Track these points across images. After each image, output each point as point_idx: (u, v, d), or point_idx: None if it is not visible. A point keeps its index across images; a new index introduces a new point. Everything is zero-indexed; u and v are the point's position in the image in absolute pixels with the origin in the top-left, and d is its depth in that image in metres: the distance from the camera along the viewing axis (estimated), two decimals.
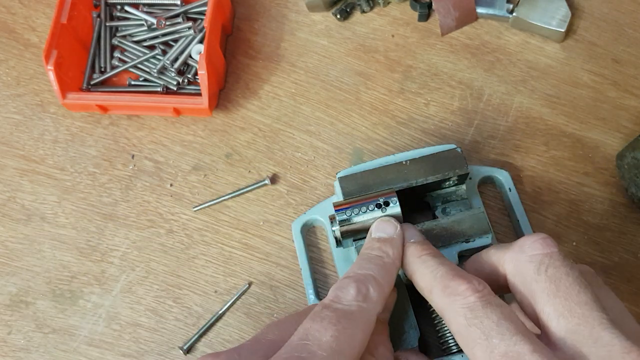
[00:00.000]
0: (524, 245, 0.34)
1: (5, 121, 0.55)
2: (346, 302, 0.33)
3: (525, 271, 0.33)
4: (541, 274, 0.32)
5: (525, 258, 0.33)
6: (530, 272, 0.32)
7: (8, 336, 0.48)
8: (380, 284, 0.35)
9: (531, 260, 0.33)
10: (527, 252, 0.33)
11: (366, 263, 0.36)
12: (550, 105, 0.53)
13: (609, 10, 0.56)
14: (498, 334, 0.30)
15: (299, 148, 0.52)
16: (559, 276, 0.31)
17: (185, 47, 0.54)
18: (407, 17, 0.56)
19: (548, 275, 0.32)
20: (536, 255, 0.33)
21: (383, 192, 0.42)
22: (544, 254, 0.33)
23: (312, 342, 0.31)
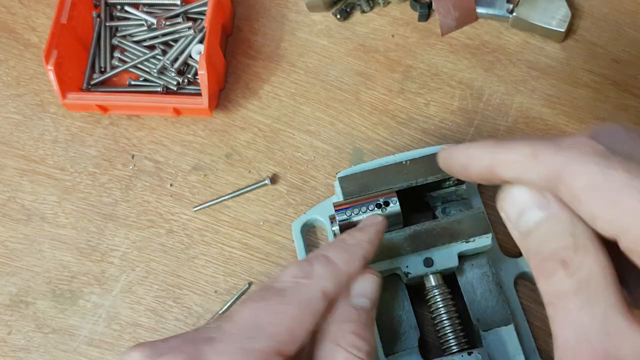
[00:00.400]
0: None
1: (5, 121, 0.55)
2: (281, 280, 0.32)
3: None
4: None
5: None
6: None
7: (8, 336, 0.48)
8: (331, 261, 0.33)
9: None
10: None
11: (326, 246, 0.35)
12: (550, 105, 0.53)
13: (609, 10, 0.56)
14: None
15: (299, 148, 0.52)
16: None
17: (185, 47, 0.54)
18: (407, 17, 0.56)
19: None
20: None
21: (383, 192, 0.42)
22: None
23: (228, 321, 0.30)
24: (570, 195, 0.25)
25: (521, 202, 0.28)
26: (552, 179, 0.26)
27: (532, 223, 0.27)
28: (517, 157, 0.27)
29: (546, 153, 0.26)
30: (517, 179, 0.28)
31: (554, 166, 0.26)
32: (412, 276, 0.42)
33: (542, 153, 0.26)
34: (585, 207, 0.25)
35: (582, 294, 0.24)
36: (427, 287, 0.42)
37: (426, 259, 0.42)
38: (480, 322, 0.42)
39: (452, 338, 0.41)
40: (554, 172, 0.26)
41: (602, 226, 0.25)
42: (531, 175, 0.27)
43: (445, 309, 0.41)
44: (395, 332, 0.42)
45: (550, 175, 0.26)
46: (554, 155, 0.26)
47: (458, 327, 0.41)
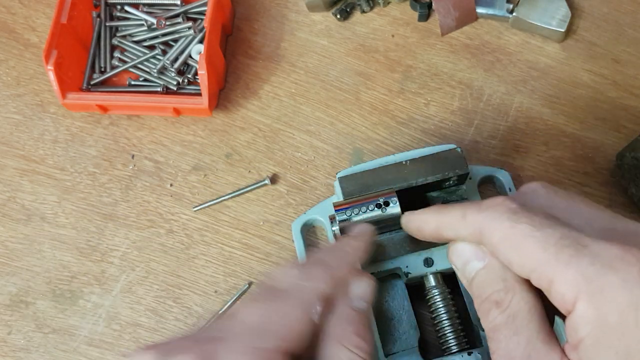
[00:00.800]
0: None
1: (5, 121, 0.55)
2: (282, 281, 0.33)
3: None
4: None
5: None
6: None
7: (8, 336, 0.48)
8: (327, 264, 0.35)
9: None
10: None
11: (322, 250, 0.37)
12: (550, 105, 0.53)
13: (609, 10, 0.56)
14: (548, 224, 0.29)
15: (299, 148, 0.52)
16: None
17: (185, 47, 0.54)
18: (407, 17, 0.56)
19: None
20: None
21: (383, 192, 0.42)
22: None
23: (234, 320, 0.31)
24: (491, 247, 0.31)
25: (463, 254, 0.33)
26: (477, 235, 0.31)
27: (473, 272, 0.33)
28: (452, 220, 0.33)
29: (472, 214, 0.32)
30: (455, 237, 0.34)
31: (477, 224, 0.31)
32: (412, 276, 0.42)
33: (469, 214, 0.32)
34: (502, 256, 0.30)
35: (510, 327, 0.30)
36: (427, 287, 0.42)
37: (426, 259, 0.42)
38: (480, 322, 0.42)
39: (452, 338, 0.41)
40: (478, 229, 0.31)
41: (516, 270, 0.30)
42: (463, 233, 0.33)
43: (445, 309, 0.41)
44: (395, 332, 0.42)
45: (475, 231, 0.32)
46: (476, 215, 0.31)
47: (458, 327, 0.41)
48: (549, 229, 0.28)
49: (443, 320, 0.41)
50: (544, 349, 0.29)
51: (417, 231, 0.38)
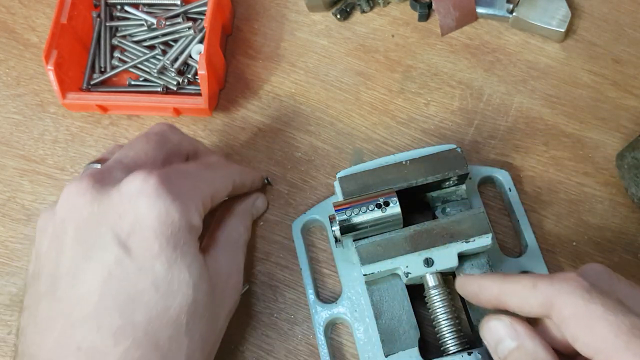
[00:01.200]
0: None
1: (5, 121, 0.55)
2: (211, 157, 0.46)
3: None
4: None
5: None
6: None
7: (8, 336, 0.48)
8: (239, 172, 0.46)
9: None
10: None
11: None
12: (550, 105, 0.53)
13: (609, 10, 0.56)
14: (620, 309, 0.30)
15: (299, 148, 0.52)
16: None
17: (185, 47, 0.54)
18: (407, 17, 0.56)
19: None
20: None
21: (383, 192, 0.42)
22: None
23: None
24: (559, 319, 0.31)
25: (497, 333, 0.34)
26: (547, 306, 0.32)
27: (506, 351, 0.33)
28: (520, 288, 0.33)
29: (543, 285, 0.32)
30: (520, 306, 0.34)
31: (548, 296, 0.32)
32: (412, 276, 0.42)
33: (540, 284, 0.32)
34: (569, 330, 0.31)
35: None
36: (427, 287, 0.42)
37: (426, 259, 0.42)
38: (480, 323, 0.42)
39: (451, 338, 0.41)
40: (549, 300, 0.32)
41: (581, 347, 0.30)
42: (531, 302, 0.33)
43: (445, 309, 0.41)
44: (395, 332, 0.42)
45: (546, 302, 0.32)
46: (548, 287, 0.32)
47: (458, 327, 0.41)
48: (622, 315, 0.29)
49: (443, 320, 0.41)
50: None
51: (473, 295, 0.37)
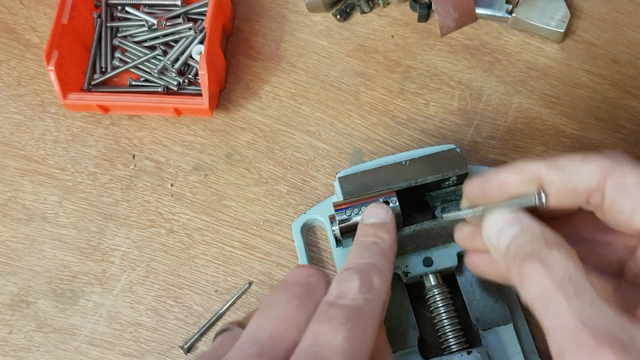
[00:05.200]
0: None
1: (6, 121, 0.55)
2: (352, 297, 0.30)
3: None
4: None
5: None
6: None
7: (9, 336, 0.48)
8: (382, 271, 0.33)
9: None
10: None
11: (364, 251, 0.34)
12: (549, 106, 0.53)
13: (608, 11, 0.56)
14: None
15: (299, 148, 0.53)
16: None
17: (185, 47, 0.54)
18: (407, 18, 0.57)
19: None
20: None
21: (383, 192, 0.42)
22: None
23: (324, 347, 0.28)
24: (618, 188, 0.29)
25: (497, 224, 0.32)
26: (602, 176, 0.30)
27: (510, 237, 0.31)
28: (567, 161, 0.31)
29: (595, 157, 0.31)
30: (567, 180, 0.31)
31: (603, 166, 0.30)
32: (411, 276, 0.42)
33: (591, 156, 0.31)
34: (631, 198, 0.29)
35: (566, 286, 0.27)
36: (427, 287, 0.42)
37: (426, 259, 0.42)
38: (479, 322, 0.42)
39: (451, 337, 0.41)
40: (604, 171, 0.30)
41: (638, 217, 0.29)
42: (583, 174, 0.31)
43: (444, 309, 0.41)
44: (395, 332, 0.42)
45: (601, 172, 0.30)
46: (602, 158, 0.30)
47: (457, 326, 0.41)
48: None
49: (442, 319, 0.41)
50: (609, 309, 0.26)
51: (499, 187, 0.33)
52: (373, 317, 0.30)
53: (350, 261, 0.34)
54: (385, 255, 0.35)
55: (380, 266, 0.33)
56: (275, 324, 0.29)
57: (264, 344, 0.28)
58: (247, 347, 0.28)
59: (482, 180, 0.34)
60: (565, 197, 0.32)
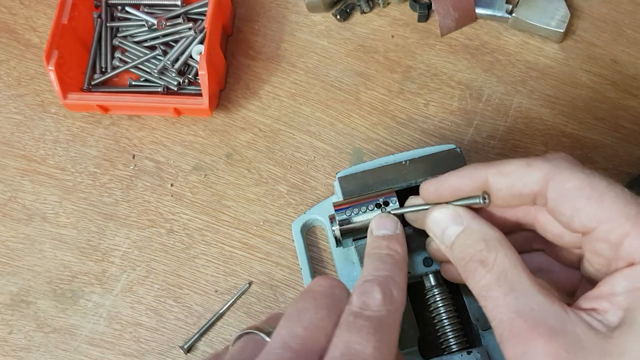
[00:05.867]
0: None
1: (7, 121, 0.55)
2: (376, 308, 0.32)
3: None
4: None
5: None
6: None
7: (9, 335, 0.48)
8: (399, 284, 0.34)
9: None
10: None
11: (380, 264, 0.36)
12: (549, 106, 0.53)
13: (608, 11, 0.56)
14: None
15: (299, 148, 0.53)
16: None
17: (185, 47, 0.54)
18: (407, 18, 0.57)
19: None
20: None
21: (383, 192, 0.42)
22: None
23: (357, 356, 0.29)
24: (559, 194, 0.31)
25: (442, 221, 0.35)
26: (543, 182, 0.32)
27: (453, 236, 0.34)
28: (512, 167, 0.33)
29: (538, 162, 0.32)
30: (511, 185, 0.33)
31: (546, 171, 0.32)
32: (411, 276, 0.42)
33: (534, 162, 0.32)
34: (571, 203, 0.31)
35: (503, 283, 0.30)
36: (427, 287, 0.42)
37: (426, 259, 0.42)
38: (479, 322, 0.42)
39: (451, 337, 0.41)
40: (546, 176, 0.32)
41: (581, 219, 0.30)
42: (525, 180, 0.32)
43: (444, 308, 0.41)
44: None
45: (543, 178, 0.32)
46: (545, 164, 0.32)
47: (457, 326, 0.41)
48: (621, 188, 0.30)
49: (442, 319, 0.41)
50: (543, 300, 0.29)
51: (453, 191, 0.36)
52: (395, 327, 0.32)
53: (368, 273, 0.35)
54: (400, 267, 0.36)
55: (397, 278, 0.35)
56: (305, 332, 0.30)
57: (296, 350, 0.29)
58: (281, 352, 0.29)
59: (437, 182, 0.37)
60: (512, 200, 0.34)
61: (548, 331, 0.28)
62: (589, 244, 0.32)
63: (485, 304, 0.31)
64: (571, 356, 0.27)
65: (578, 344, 0.27)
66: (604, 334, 0.28)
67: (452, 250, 0.34)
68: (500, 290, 0.30)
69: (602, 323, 0.28)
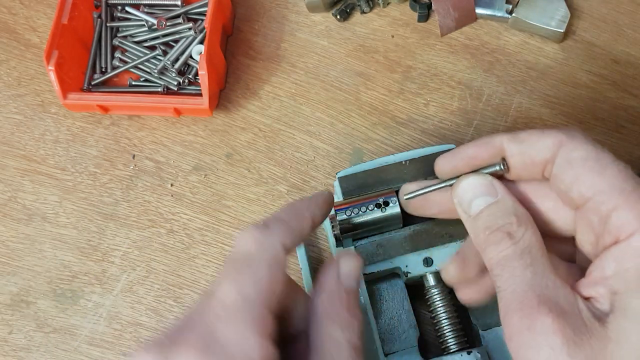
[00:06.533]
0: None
1: (7, 121, 0.55)
2: (244, 246, 0.32)
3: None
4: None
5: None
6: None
7: (9, 335, 0.48)
8: (282, 219, 0.34)
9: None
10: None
11: (278, 210, 0.36)
12: (549, 106, 0.53)
13: (608, 11, 0.56)
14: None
15: (299, 148, 0.53)
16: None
17: (185, 47, 0.54)
18: (407, 18, 0.57)
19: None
20: None
21: (383, 192, 0.42)
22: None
23: (214, 303, 0.30)
24: (566, 160, 0.32)
25: (474, 189, 0.35)
26: (555, 148, 0.33)
27: (483, 205, 0.34)
28: (527, 134, 0.34)
29: (552, 130, 0.33)
30: (524, 151, 0.34)
31: (558, 138, 0.33)
32: (411, 276, 0.42)
33: (548, 130, 0.33)
34: (573, 171, 0.32)
35: (525, 258, 0.31)
36: (427, 287, 0.42)
37: (425, 259, 0.42)
38: (479, 322, 0.42)
39: (451, 337, 0.41)
40: (558, 143, 0.32)
41: (580, 188, 0.31)
42: (539, 145, 0.33)
43: (444, 308, 0.41)
44: (395, 332, 0.42)
45: (554, 144, 0.33)
46: (558, 132, 0.33)
47: (457, 326, 0.41)
48: (625, 166, 0.31)
49: (442, 319, 0.41)
50: (557, 281, 0.30)
51: (468, 160, 0.36)
52: (268, 259, 0.32)
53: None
54: (295, 210, 0.35)
55: (283, 216, 0.34)
56: None
57: None
58: None
59: (452, 155, 0.37)
60: (524, 167, 0.34)
61: (558, 310, 0.29)
62: (581, 218, 0.32)
63: (501, 273, 0.31)
64: (577, 338, 0.28)
65: (583, 328, 0.28)
66: (602, 320, 0.29)
67: (477, 219, 0.34)
68: (521, 263, 0.31)
69: (599, 310, 0.29)
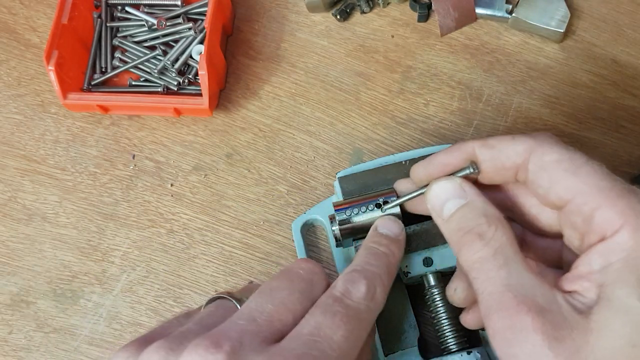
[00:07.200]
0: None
1: (7, 121, 0.55)
2: (356, 300, 0.33)
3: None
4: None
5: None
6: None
7: (9, 335, 0.48)
8: (384, 285, 0.35)
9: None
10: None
11: (374, 259, 0.36)
12: (549, 106, 0.53)
13: (608, 11, 0.56)
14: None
15: (299, 148, 0.53)
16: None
17: (185, 47, 0.54)
18: (407, 18, 0.57)
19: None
20: None
21: (383, 192, 0.42)
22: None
23: (323, 339, 0.30)
24: (538, 165, 0.33)
25: (445, 192, 0.35)
26: (526, 154, 0.33)
27: (454, 208, 0.34)
28: (497, 141, 0.35)
29: (522, 137, 0.34)
30: (495, 157, 0.35)
31: (529, 144, 0.33)
32: (411, 276, 0.42)
33: (519, 137, 0.34)
34: (548, 174, 0.32)
35: (497, 258, 0.31)
36: (427, 287, 0.42)
37: (425, 259, 0.42)
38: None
39: (451, 337, 0.41)
40: (528, 149, 0.33)
41: (558, 191, 0.32)
42: (509, 152, 0.34)
43: (444, 308, 0.41)
44: (395, 332, 0.42)
45: (526, 150, 0.33)
46: (528, 138, 0.34)
47: (457, 326, 0.41)
48: (598, 165, 0.31)
49: (442, 319, 0.41)
50: (534, 279, 0.30)
51: (442, 167, 0.37)
52: (367, 325, 0.33)
53: (358, 263, 0.36)
54: (391, 270, 0.36)
55: (384, 279, 0.35)
56: (274, 309, 0.31)
57: (260, 325, 0.30)
58: (244, 324, 0.30)
59: (426, 163, 0.38)
60: (496, 172, 0.35)
61: (536, 308, 0.29)
62: (565, 219, 0.32)
63: (477, 276, 0.31)
64: (557, 333, 0.28)
65: (563, 323, 0.28)
66: (585, 312, 0.28)
67: (449, 222, 0.34)
68: (495, 264, 0.31)
69: (582, 303, 0.29)
